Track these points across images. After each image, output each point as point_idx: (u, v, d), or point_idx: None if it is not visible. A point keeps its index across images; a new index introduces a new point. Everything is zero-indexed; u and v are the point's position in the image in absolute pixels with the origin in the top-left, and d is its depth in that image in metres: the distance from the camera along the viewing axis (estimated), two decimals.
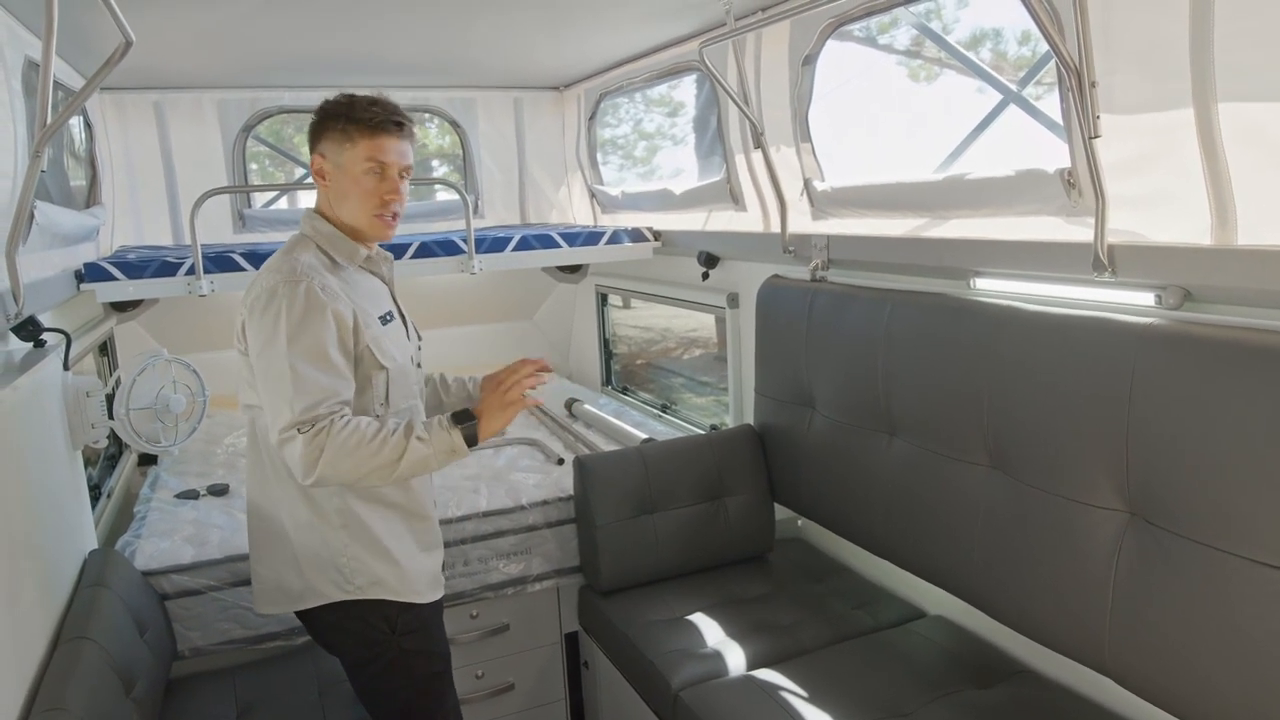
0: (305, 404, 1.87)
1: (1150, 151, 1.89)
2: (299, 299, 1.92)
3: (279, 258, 2.03)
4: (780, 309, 3.11)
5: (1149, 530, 1.83)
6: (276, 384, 1.90)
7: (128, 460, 3.85)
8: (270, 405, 1.93)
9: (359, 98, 2.04)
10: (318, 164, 2.06)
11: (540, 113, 4.88)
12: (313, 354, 1.91)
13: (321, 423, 1.86)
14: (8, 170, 2.21)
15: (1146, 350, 1.82)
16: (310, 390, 1.88)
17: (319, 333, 1.92)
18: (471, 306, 4.98)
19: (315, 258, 2.03)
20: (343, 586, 2.07)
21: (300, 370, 1.89)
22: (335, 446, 1.85)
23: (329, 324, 1.94)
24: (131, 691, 2.04)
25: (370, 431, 1.90)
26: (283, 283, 1.94)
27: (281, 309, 1.92)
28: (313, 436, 1.85)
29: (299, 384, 1.88)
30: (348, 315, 1.98)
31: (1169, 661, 1.78)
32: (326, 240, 2.08)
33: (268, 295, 1.94)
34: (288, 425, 1.87)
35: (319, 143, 2.05)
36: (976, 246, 2.36)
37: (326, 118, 2.04)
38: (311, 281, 1.95)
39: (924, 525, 2.46)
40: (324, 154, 2.05)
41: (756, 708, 2.31)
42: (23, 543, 1.96)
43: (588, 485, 2.99)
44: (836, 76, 2.93)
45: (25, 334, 2.33)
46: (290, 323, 1.91)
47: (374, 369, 2.04)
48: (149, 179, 4.19)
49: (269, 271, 2.00)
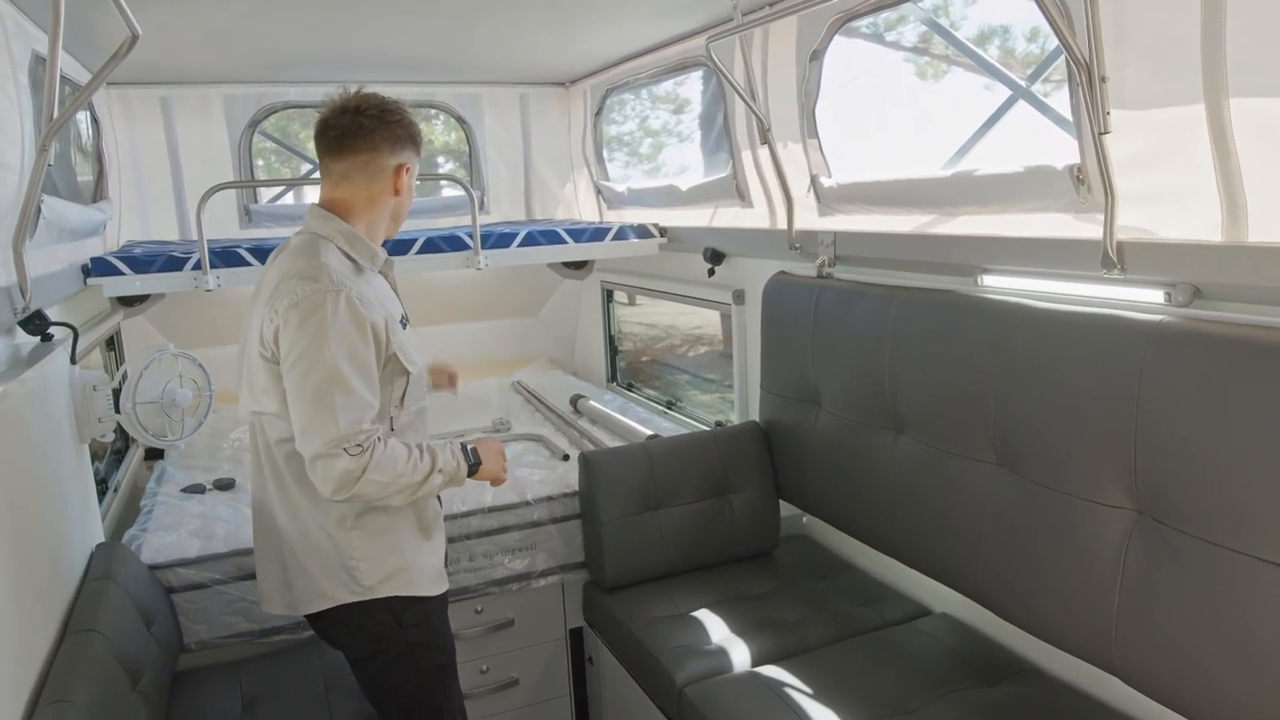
0: (350, 419, 1.87)
1: (1160, 147, 1.88)
2: (342, 311, 1.89)
3: (306, 262, 1.96)
4: (786, 305, 3.10)
5: (1157, 529, 1.82)
6: (319, 398, 1.87)
7: (134, 454, 3.86)
8: (309, 418, 1.89)
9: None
10: (405, 174, 2.08)
11: (546, 109, 4.88)
12: (356, 368, 1.90)
13: (367, 442, 1.88)
14: (14, 165, 2.21)
15: (1156, 348, 1.81)
16: (355, 406, 1.88)
17: (361, 346, 1.91)
18: (477, 303, 4.98)
19: (340, 262, 2.00)
20: (351, 588, 2.07)
21: (345, 385, 1.88)
22: (375, 467, 1.89)
23: (369, 336, 1.93)
24: (138, 684, 2.05)
25: (403, 456, 1.95)
26: (325, 292, 1.89)
27: (326, 320, 1.88)
28: (359, 456, 1.87)
29: (345, 400, 1.87)
30: (381, 324, 1.97)
31: (1177, 660, 1.77)
32: (350, 242, 2.04)
33: (309, 305, 1.88)
34: (332, 441, 1.86)
35: (404, 150, 2.07)
36: (984, 243, 2.35)
37: (416, 132, 2.09)
38: (351, 291, 1.92)
39: (930, 523, 2.45)
40: (410, 166, 2.09)
41: (761, 704, 2.31)
42: (30, 536, 1.96)
43: (593, 481, 2.99)
44: (844, 73, 2.93)
45: (32, 328, 2.33)
46: (335, 336, 1.88)
47: (397, 374, 2.03)
48: (155, 174, 4.20)
49: (302, 279, 1.92)
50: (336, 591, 2.07)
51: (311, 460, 1.89)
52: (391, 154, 2.05)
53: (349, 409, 1.87)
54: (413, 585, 2.11)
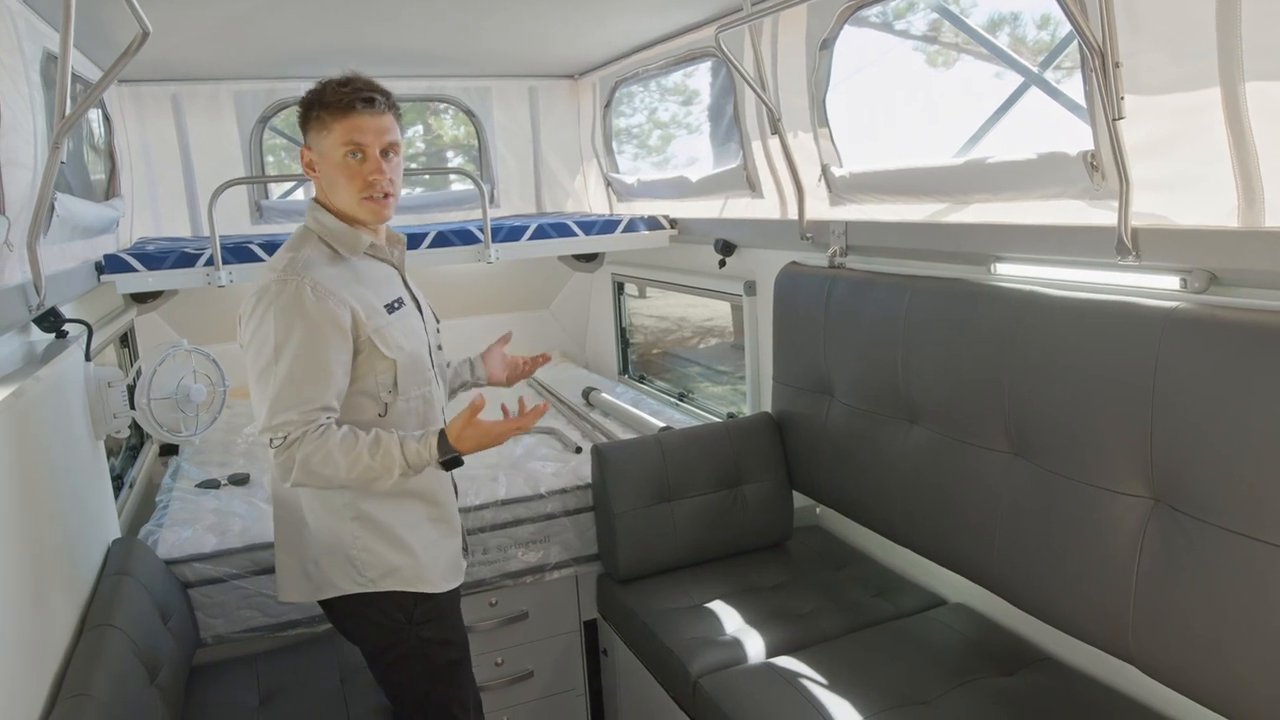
0: (279, 412, 1.88)
1: (1175, 132, 1.86)
2: (286, 299, 1.89)
3: (280, 254, 2.01)
4: (798, 296, 3.09)
5: (1173, 516, 1.81)
6: (258, 386, 1.92)
7: (149, 450, 3.88)
8: (255, 405, 1.94)
9: (330, 80, 1.98)
10: (306, 157, 2.04)
11: (555, 101, 4.87)
12: (295, 358, 1.89)
13: (293, 436, 1.88)
14: (28, 162, 2.22)
15: (1171, 335, 1.79)
16: (285, 398, 1.88)
17: (303, 335, 1.89)
18: (488, 296, 4.98)
19: (317, 251, 2.01)
20: (355, 579, 2.07)
21: (280, 375, 1.88)
22: (303, 460, 1.88)
23: (317, 325, 1.90)
24: (155, 678, 2.06)
25: (341, 450, 1.90)
26: (274, 281, 1.92)
27: (270, 310, 1.90)
28: (283, 449, 1.89)
29: (277, 391, 1.88)
30: (343, 312, 1.94)
31: (1194, 649, 1.76)
32: (328, 233, 2.05)
33: (257, 294, 1.93)
34: (264, 431, 1.91)
35: (305, 134, 2.03)
36: (997, 231, 2.34)
37: (306, 108, 2.01)
38: (303, 280, 1.91)
39: (944, 512, 2.44)
40: (309, 145, 2.03)
41: (776, 695, 2.31)
42: (47, 532, 1.98)
43: (606, 473, 2.99)
44: (853, 62, 2.91)
45: (47, 325, 2.35)
46: (276, 324, 1.89)
47: (377, 359, 2.01)
48: (167, 171, 4.21)
49: (266, 269, 1.99)
50: (341, 581, 2.08)
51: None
52: (305, 137, 2.05)
53: (280, 400, 1.88)
54: (419, 581, 2.11)
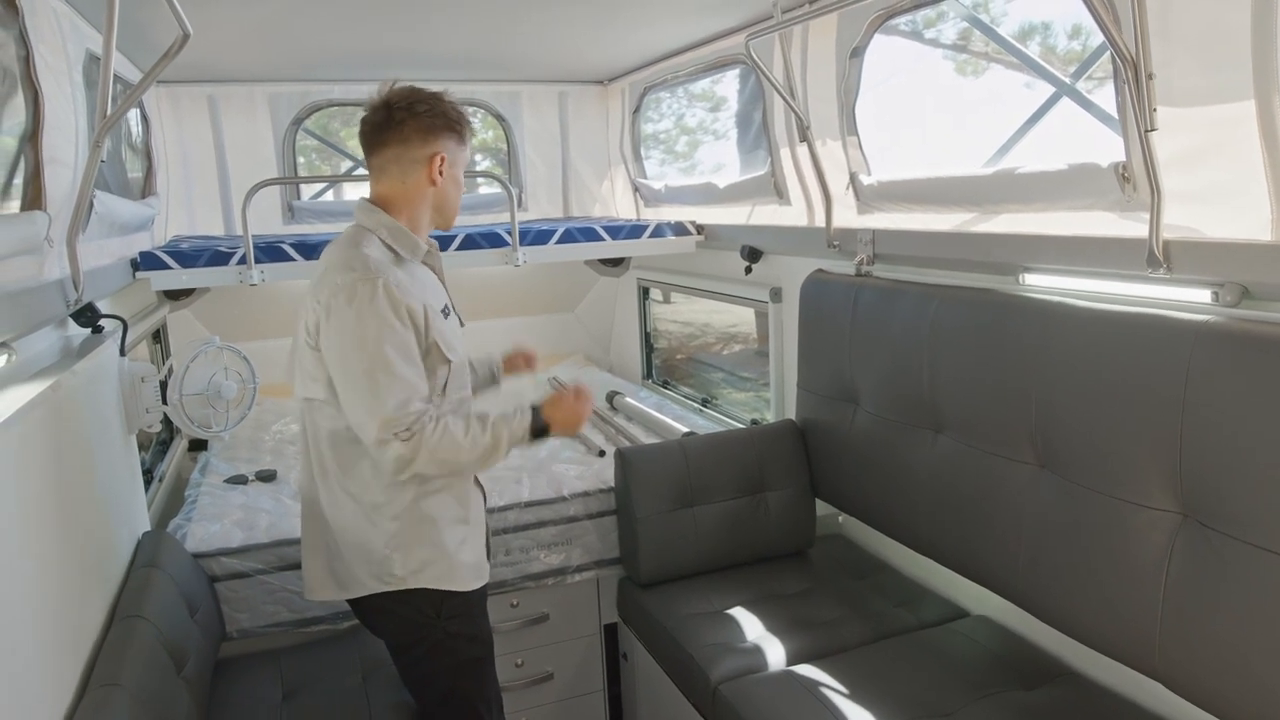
0: (396, 403, 1.92)
1: (1208, 144, 1.84)
2: (379, 297, 1.93)
3: (347, 252, 2.01)
4: (824, 304, 3.09)
5: (1203, 532, 1.79)
6: (365, 384, 1.93)
7: (179, 445, 3.93)
8: (359, 404, 1.95)
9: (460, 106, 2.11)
10: (439, 162, 2.07)
11: (584, 106, 4.89)
12: (398, 351, 1.94)
13: (414, 425, 1.93)
14: (69, 160, 2.27)
15: (1202, 349, 1.78)
16: (399, 389, 1.93)
17: (401, 331, 1.95)
18: (514, 299, 5.01)
19: (381, 252, 2.04)
20: (384, 579, 2.10)
21: (389, 369, 1.92)
22: (430, 448, 1.94)
23: (407, 321, 1.97)
24: (182, 669, 2.09)
25: (460, 433, 1.99)
26: (361, 280, 1.94)
27: (364, 307, 1.92)
28: (408, 440, 1.92)
29: (389, 383, 1.92)
30: (420, 311, 2.00)
31: (1223, 667, 1.74)
32: (392, 234, 2.08)
33: (347, 293, 1.94)
34: (382, 426, 1.92)
35: (438, 140, 2.06)
36: (1026, 241, 2.33)
37: (453, 120, 2.08)
38: (388, 278, 1.96)
39: (969, 523, 2.43)
40: (446, 154, 2.08)
41: (796, 703, 2.30)
42: (81, 523, 2.02)
43: (629, 477, 3.00)
44: (882, 71, 2.91)
45: (84, 320, 2.39)
46: (374, 321, 1.92)
47: (439, 363, 2.06)
48: (202, 170, 4.28)
49: (342, 269, 1.97)
50: (369, 581, 2.10)
51: (371, 446, 1.96)
52: (423, 144, 2.06)
53: (394, 392, 1.92)
54: (449, 579, 2.13)
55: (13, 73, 2.00)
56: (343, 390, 1.97)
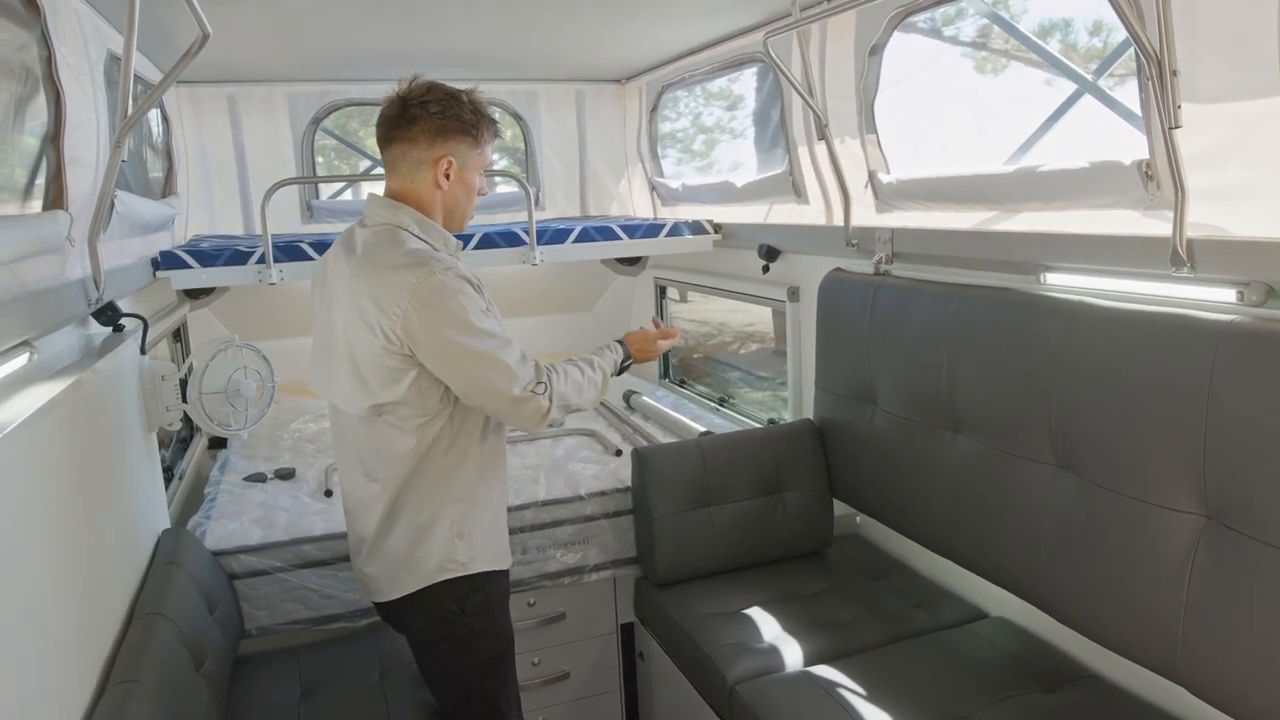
0: (517, 362, 2.02)
1: (1234, 142, 1.81)
2: (456, 279, 1.96)
3: (396, 252, 1.98)
4: (842, 303, 3.07)
5: (1227, 535, 1.76)
6: (488, 361, 1.98)
7: (198, 443, 3.96)
8: (487, 383, 1.99)
9: (482, 104, 2.09)
10: (446, 166, 2.04)
11: (602, 105, 4.89)
12: (496, 320, 2.04)
13: (543, 375, 2.07)
14: (90, 160, 2.28)
15: (1227, 349, 1.75)
16: (513, 351, 2.02)
17: (486, 304, 2.04)
18: (531, 298, 5.01)
19: (421, 245, 2.03)
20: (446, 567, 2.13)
21: (500, 340, 2.00)
22: (560, 394, 2.10)
23: (485, 294, 2.04)
24: (202, 667, 2.11)
25: (577, 375, 2.18)
26: (434, 270, 1.93)
27: (451, 296, 1.94)
28: (543, 392, 2.05)
29: (508, 351, 2.01)
30: (482, 285, 2.06)
31: (1247, 671, 1.72)
32: (430, 232, 2.07)
33: (429, 289, 1.92)
34: (524, 388, 2.01)
35: (448, 143, 2.03)
36: (1048, 240, 2.30)
37: (468, 124, 2.05)
38: (447, 263, 1.98)
39: (988, 524, 2.41)
40: (455, 158, 2.05)
41: (813, 704, 2.29)
42: (101, 520, 2.03)
43: (645, 477, 3.00)
44: (901, 68, 2.89)
45: (105, 319, 2.40)
46: (465, 301, 1.96)
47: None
48: (222, 170, 4.30)
49: (407, 269, 1.93)
50: (438, 573, 2.12)
51: (512, 414, 2.05)
52: (430, 146, 2.03)
53: (512, 355, 2.02)
54: (471, 564, 2.15)
55: (35, 73, 2.02)
56: (461, 379, 2.00)
